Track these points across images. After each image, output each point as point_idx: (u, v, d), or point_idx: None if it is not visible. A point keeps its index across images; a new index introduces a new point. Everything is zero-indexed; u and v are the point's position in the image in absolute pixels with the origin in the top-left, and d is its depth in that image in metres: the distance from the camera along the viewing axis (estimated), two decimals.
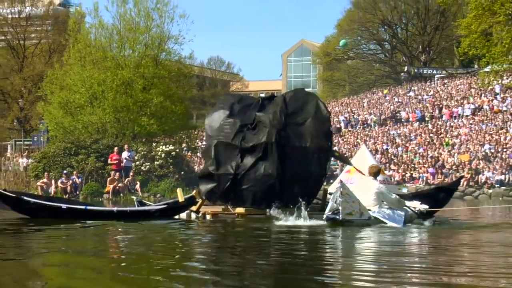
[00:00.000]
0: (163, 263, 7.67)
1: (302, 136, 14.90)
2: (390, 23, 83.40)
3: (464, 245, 10.43)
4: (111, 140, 33.11)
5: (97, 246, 9.82)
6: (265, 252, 9.14)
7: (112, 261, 8.12)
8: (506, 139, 40.06)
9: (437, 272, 7.02)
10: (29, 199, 14.01)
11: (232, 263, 7.95)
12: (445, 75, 72.05)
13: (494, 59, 23.95)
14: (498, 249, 9.74)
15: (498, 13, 23.18)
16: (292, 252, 9.00)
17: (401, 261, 8.08)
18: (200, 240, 10.89)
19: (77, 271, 7.10)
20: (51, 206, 13.79)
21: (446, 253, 9.23)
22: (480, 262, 8.09)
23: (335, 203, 12.48)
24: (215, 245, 10.36)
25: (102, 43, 36.96)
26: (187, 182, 31.68)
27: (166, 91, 36.75)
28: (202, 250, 9.60)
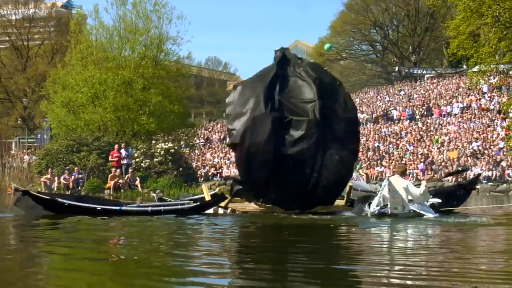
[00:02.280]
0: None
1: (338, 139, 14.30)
2: (381, 25, 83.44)
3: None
4: (111, 138, 33.12)
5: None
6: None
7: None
8: (493, 136, 40.13)
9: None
10: (63, 201, 13.92)
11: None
12: (435, 75, 72.11)
13: (482, 60, 23.91)
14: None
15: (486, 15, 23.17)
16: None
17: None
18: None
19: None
20: (85, 208, 13.74)
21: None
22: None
23: (383, 198, 13.28)
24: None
25: (103, 44, 36.92)
26: (185, 178, 31.75)
27: (165, 90, 36.74)
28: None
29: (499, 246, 9.54)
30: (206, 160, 44.22)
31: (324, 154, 13.78)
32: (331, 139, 13.95)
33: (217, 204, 14.55)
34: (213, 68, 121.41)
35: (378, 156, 39.95)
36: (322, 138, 13.85)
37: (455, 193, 15.67)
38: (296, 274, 6.52)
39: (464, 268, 6.88)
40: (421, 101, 55.59)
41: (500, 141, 37.75)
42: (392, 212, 13.16)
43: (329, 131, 13.99)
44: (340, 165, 14.05)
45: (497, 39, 23.53)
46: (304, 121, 13.89)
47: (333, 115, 14.17)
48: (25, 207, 13.77)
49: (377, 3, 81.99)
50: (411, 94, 61.41)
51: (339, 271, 6.77)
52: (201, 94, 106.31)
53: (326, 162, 13.79)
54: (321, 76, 14.79)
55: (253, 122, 13.86)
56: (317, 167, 13.72)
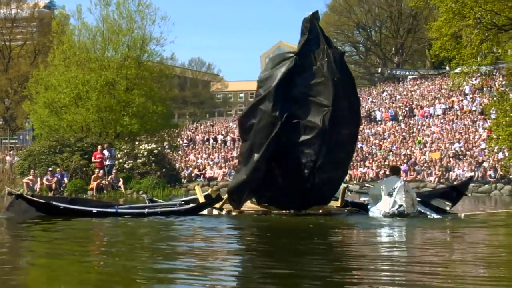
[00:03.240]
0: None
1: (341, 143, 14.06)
2: (364, 26, 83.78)
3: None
4: (94, 139, 32.99)
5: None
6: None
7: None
8: (475, 137, 40.38)
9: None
10: (58, 204, 13.85)
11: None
12: (417, 76, 72.44)
13: (464, 61, 24.02)
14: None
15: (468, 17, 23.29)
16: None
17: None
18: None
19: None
20: (81, 211, 13.70)
21: None
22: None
23: (398, 199, 13.47)
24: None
25: (86, 45, 36.77)
26: (169, 179, 31.70)
27: (148, 91, 36.63)
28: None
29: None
30: (190, 161, 44.15)
31: (324, 157, 13.63)
32: (334, 144, 13.74)
33: (213, 205, 14.53)
34: (197, 69, 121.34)
35: (361, 157, 40.07)
36: (326, 144, 13.64)
37: (450, 195, 15.79)
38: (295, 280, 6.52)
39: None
40: (403, 102, 55.82)
41: (482, 142, 37.99)
42: (407, 212, 13.43)
43: (334, 136, 13.73)
44: (337, 165, 14.05)
45: (479, 41, 23.65)
46: (312, 128, 13.58)
47: (342, 120, 13.77)
48: (18, 211, 13.72)
49: (360, 5, 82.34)
50: (394, 95, 61.66)
51: (340, 275, 6.74)
52: (185, 95, 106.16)
53: (324, 165, 13.67)
54: (342, 74, 14.01)
55: (260, 117, 13.67)
56: (315, 169, 13.65)
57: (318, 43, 14.03)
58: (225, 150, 48.68)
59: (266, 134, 13.46)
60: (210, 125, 64.91)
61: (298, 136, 13.62)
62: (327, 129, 13.47)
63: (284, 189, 13.92)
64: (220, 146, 51.55)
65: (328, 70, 13.67)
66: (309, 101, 13.67)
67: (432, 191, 18.44)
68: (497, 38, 24.24)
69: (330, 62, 13.72)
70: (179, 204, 15.07)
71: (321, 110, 13.52)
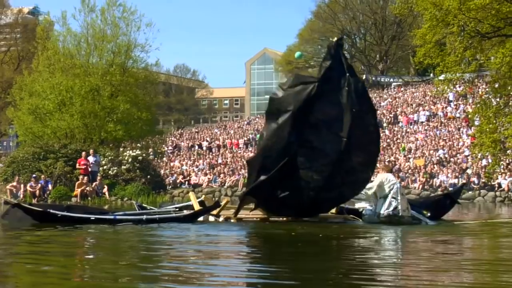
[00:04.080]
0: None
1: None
2: (349, 33, 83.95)
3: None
4: (79, 145, 32.85)
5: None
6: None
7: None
8: (459, 144, 40.57)
9: None
10: (56, 212, 13.79)
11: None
12: (402, 83, 72.75)
13: (448, 68, 24.14)
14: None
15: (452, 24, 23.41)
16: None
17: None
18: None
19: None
20: (79, 218, 13.66)
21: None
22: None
23: (394, 200, 13.54)
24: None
25: (71, 51, 36.67)
26: (153, 186, 31.61)
27: (133, 97, 36.58)
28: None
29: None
30: (174, 168, 44.08)
31: (332, 182, 13.56)
32: (345, 171, 13.61)
33: (210, 211, 14.49)
34: (182, 75, 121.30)
35: None
36: (337, 172, 13.54)
37: (443, 203, 15.88)
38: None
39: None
40: (388, 109, 56.03)
41: (466, 149, 38.17)
42: (401, 214, 13.48)
43: (346, 164, 13.58)
44: (345, 186, 13.97)
45: (462, 48, 23.79)
46: (325, 156, 13.46)
47: (356, 147, 13.56)
48: (13, 219, 13.65)
49: (345, 12, 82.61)
50: (379, 102, 61.86)
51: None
52: (170, 102, 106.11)
53: (331, 187, 13.64)
54: (362, 105, 13.72)
55: (274, 139, 13.51)
56: (321, 190, 13.61)
57: (340, 71, 13.82)
58: (210, 157, 48.65)
59: (277, 158, 13.30)
60: (195, 131, 64.85)
61: (309, 162, 13.49)
62: (340, 159, 13.38)
63: (285, 203, 13.89)
64: (205, 152, 51.52)
65: (347, 101, 13.51)
66: (325, 129, 13.52)
67: (427, 198, 18.53)
68: (481, 46, 24.39)
69: (351, 92, 13.55)
70: (173, 210, 15.05)
71: (335, 140, 13.39)
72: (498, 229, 13.97)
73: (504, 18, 23.16)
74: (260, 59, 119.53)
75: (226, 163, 44.46)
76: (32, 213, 13.75)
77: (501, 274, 7.08)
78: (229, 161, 45.35)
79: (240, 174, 39.78)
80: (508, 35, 23.77)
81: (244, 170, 40.85)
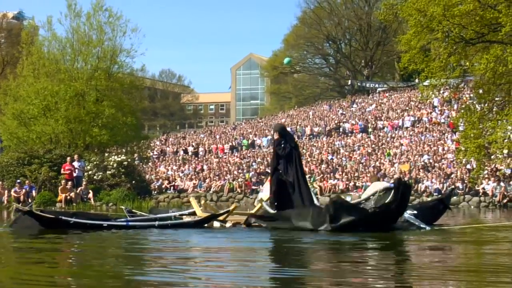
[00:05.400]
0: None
1: None
2: (334, 39, 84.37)
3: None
4: (63, 150, 32.72)
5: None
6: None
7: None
8: (444, 149, 40.77)
9: None
10: (67, 219, 13.66)
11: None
12: (387, 88, 73.10)
13: (432, 74, 24.29)
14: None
15: (436, 30, 23.58)
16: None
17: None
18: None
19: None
20: (92, 225, 13.58)
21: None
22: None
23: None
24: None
25: (56, 56, 36.50)
26: (139, 191, 31.54)
27: (118, 103, 36.45)
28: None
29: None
30: (160, 173, 44.01)
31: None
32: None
33: (218, 217, 14.45)
34: (167, 80, 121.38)
35: (331, 169, 40.22)
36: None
37: (438, 207, 16.01)
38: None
39: None
40: (373, 115, 56.24)
41: (450, 154, 38.36)
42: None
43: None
44: None
45: (447, 54, 23.95)
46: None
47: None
48: (21, 227, 13.53)
49: (330, 17, 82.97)
50: (364, 107, 62.08)
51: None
52: (155, 107, 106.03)
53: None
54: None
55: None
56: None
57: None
58: (195, 162, 48.62)
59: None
60: (181, 137, 64.79)
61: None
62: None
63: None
64: (190, 158, 51.49)
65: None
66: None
67: (422, 204, 18.63)
68: (465, 52, 24.57)
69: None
70: (174, 217, 15.08)
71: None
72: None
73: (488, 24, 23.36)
74: (246, 64, 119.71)
75: (212, 168, 44.45)
76: (43, 220, 13.57)
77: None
78: (215, 166, 45.33)
79: (225, 179, 39.80)
80: (492, 41, 23.96)
81: (229, 175, 40.90)
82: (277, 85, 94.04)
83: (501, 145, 24.91)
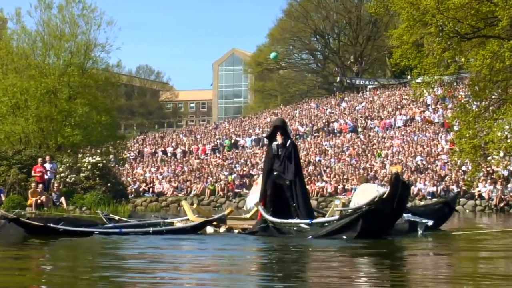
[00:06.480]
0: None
1: None
2: (322, 33, 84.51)
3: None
4: (34, 151, 32.56)
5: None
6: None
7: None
8: (437, 150, 40.93)
9: None
10: (56, 226, 13.53)
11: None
12: (378, 85, 73.29)
13: (426, 70, 24.34)
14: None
15: (430, 24, 23.63)
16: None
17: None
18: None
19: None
20: (82, 232, 13.55)
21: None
22: None
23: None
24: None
25: (25, 51, 36.35)
26: (115, 194, 31.42)
27: (93, 100, 36.35)
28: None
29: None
30: (137, 175, 43.91)
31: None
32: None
33: (213, 222, 14.43)
34: (145, 77, 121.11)
35: (319, 171, 40.28)
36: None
37: (443, 211, 16.13)
38: None
39: None
40: (363, 113, 56.39)
41: (444, 156, 38.50)
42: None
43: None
44: None
45: (441, 50, 23.99)
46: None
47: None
48: (5, 235, 13.39)
49: (318, 11, 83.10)
50: (353, 105, 62.24)
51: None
52: (132, 105, 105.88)
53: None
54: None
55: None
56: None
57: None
58: (175, 164, 48.54)
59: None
60: (159, 136, 64.65)
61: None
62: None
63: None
64: (169, 159, 51.40)
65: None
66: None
67: (427, 206, 18.78)
68: (460, 47, 24.62)
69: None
70: (162, 223, 15.11)
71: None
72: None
73: (484, 18, 23.42)
74: (228, 60, 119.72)
75: (192, 170, 44.41)
76: (30, 227, 13.45)
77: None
78: (195, 168, 45.28)
79: (207, 182, 39.75)
80: (488, 36, 24.04)
81: (211, 177, 40.85)
82: (261, 82, 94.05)
83: (498, 145, 25.00)
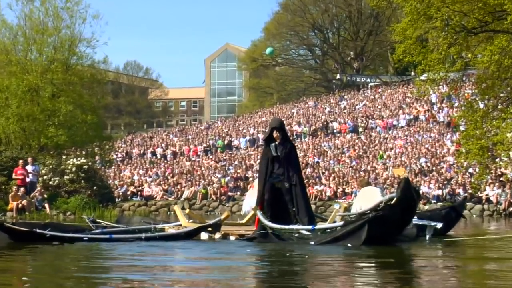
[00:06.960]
0: None
1: None
2: (321, 27, 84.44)
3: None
4: (15, 152, 32.50)
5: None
6: None
7: None
8: (443, 151, 40.90)
9: None
10: (42, 231, 13.61)
11: None
12: (379, 83, 73.32)
13: (430, 67, 24.29)
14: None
15: (435, 18, 23.58)
16: None
17: None
18: None
19: None
20: (71, 238, 13.62)
21: None
22: None
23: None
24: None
25: (6, 46, 36.31)
26: (101, 198, 31.37)
27: (77, 98, 36.31)
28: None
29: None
30: (125, 178, 43.81)
31: None
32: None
33: (208, 227, 14.43)
34: (133, 74, 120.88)
35: (318, 174, 40.23)
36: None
37: (450, 216, 16.28)
38: None
39: None
40: (364, 112, 56.37)
41: (450, 157, 38.48)
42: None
43: None
44: None
45: (446, 45, 23.95)
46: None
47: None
48: None
49: (316, 4, 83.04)
50: (354, 104, 62.24)
51: None
52: (119, 103, 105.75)
53: None
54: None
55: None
56: None
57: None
58: (165, 166, 48.47)
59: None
60: (149, 137, 64.58)
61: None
62: None
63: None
64: (159, 161, 51.33)
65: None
66: None
67: (433, 211, 18.89)
68: (466, 42, 24.59)
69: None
70: (153, 228, 15.18)
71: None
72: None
73: (492, 11, 23.38)
74: (222, 55, 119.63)
75: (183, 173, 44.34)
76: (15, 233, 13.53)
77: None
78: (187, 170, 45.21)
79: (199, 185, 39.65)
80: (496, 30, 24.00)
81: (203, 180, 40.78)
82: (256, 79, 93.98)
83: (507, 146, 24.98)
